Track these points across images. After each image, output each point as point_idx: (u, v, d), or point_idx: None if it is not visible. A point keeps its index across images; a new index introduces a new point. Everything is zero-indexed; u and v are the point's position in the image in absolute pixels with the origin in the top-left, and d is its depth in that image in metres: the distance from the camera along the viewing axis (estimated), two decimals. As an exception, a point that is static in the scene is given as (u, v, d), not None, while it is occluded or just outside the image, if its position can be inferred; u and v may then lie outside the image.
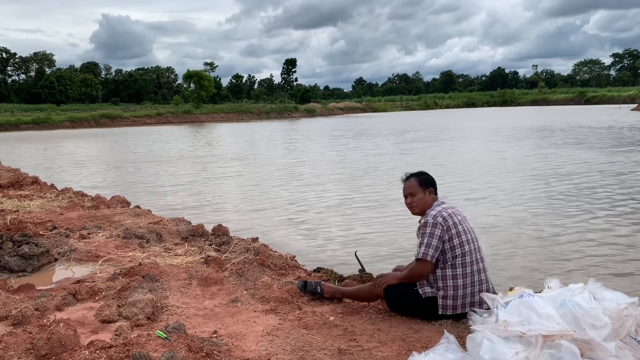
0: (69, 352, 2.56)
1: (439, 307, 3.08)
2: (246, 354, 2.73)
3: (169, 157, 17.96)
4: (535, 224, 6.71)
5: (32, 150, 21.97)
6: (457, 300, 3.05)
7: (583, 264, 5.15)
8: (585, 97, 71.52)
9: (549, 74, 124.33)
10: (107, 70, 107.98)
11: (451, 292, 3.04)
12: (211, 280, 3.93)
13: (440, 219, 3.09)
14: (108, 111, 52.77)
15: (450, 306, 3.06)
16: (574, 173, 10.85)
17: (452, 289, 3.04)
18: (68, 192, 8.76)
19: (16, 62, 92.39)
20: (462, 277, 3.04)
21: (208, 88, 62.75)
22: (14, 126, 41.38)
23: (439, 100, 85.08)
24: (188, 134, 32.19)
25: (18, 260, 4.49)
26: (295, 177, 12.10)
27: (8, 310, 3.21)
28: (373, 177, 11.52)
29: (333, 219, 7.53)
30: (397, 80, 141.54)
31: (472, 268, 3.06)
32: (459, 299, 3.05)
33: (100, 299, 3.61)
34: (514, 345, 2.21)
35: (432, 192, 3.28)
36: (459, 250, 3.06)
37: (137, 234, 5.51)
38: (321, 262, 5.09)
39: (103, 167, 15.38)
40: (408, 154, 16.25)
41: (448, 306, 3.06)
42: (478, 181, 10.32)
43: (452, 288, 3.04)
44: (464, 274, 3.04)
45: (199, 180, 12.04)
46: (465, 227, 3.14)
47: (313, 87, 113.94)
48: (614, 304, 2.31)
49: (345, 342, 2.87)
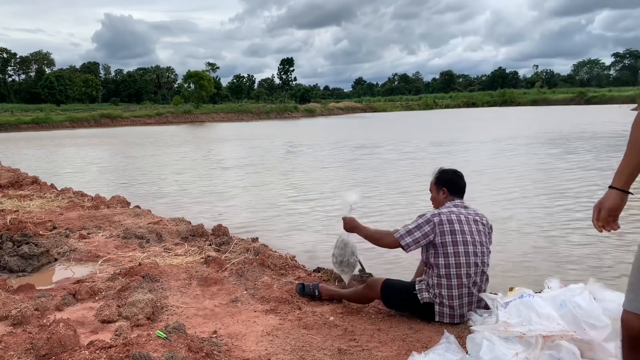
0: (69, 352, 2.56)
1: (436, 314, 3.05)
2: (246, 354, 2.73)
3: (169, 157, 17.97)
4: (536, 223, 6.71)
5: (32, 150, 21.96)
6: (455, 310, 3.01)
7: (583, 264, 5.14)
8: (586, 97, 71.46)
9: (549, 74, 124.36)
10: (106, 70, 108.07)
11: (446, 301, 3.00)
12: (211, 280, 3.93)
13: (436, 219, 3.03)
14: (108, 111, 52.71)
15: (447, 314, 3.03)
16: (576, 176, 10.85)
17: (447, 299, 3.00)
18: (68, 192, 8.76)
19: (16, 62, 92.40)
20: (457, 287, 2.97)
21: (208, 88, 62.77)
22: (13, 126, 41.32)
23: (439, 100, 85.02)
24: (188, 134, 32.20)
25: (18, 260, 4.49)
26: (296, 177, 12.10)
27: (8, 310, 3.21)
28: (374, 178, 11.51)
29: (333, 218, 7.52)
30: (396, 80, 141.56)
31: (469, 280, 2.98)
32: (456, 309, 3.01)
33: (100, 299, 3.61)
34: (514, 345, 2.21)
35: (446, 192, 3.20)
36: (453, 259, 2.97)
37: (137, 234, 5.51)
38: (321, 262, 5.08)
39: (103, 168, 15.38)
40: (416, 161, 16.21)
41: (445, 314, 3.03)
42: (476, 185, 10.33)
43: (448, 298, 2.99)
44: (459, 284, 2.97)
45: (199, 180, 12.03)
46: (469, 239, 2.99)
47: (313, 87, 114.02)
48: (614, 304, 2.31)
49: (345, 342, 2.87)
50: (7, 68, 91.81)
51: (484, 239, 3.09)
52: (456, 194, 3.21)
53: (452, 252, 2.97)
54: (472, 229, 3.05)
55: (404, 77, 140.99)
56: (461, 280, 2.97)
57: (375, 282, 3.27)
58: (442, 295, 3.00)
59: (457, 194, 3.21)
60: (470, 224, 3.06)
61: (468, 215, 3.10)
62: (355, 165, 14.01)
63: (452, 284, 2.98)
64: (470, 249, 2.99)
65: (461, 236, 3.00)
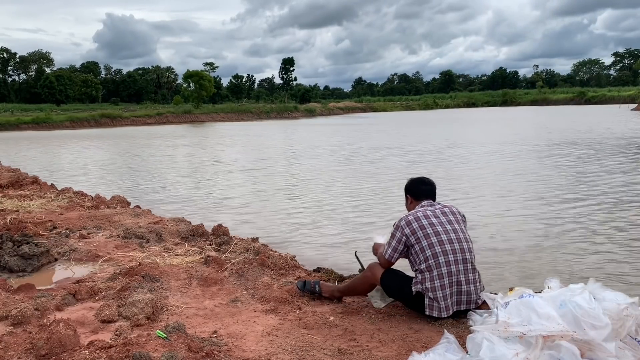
0: (69, 352, 2.56)
1: (426, 306, 3.08)
2: (246, 354, 2.73)
3: (169, 157, 17.97)
4: (536, 223, 6.71)
5: (32, 150, 21.96)
6: (440, 302, 3.03)
7: (583, 264, 5.14)
8: (586, 97, 71.48)
9: (549, 74, 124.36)
10: (107, 70, 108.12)
11: (431, 293, 3.04)
12: (211, 280, 3.93)
13: (402, 222, 3.17)
14: (108, 111, 52.70)
15: (435, 307, 3.05)
16: (578, 179, 10.85)
17: (430, 291, 3.03)
18: (68, 192, 8.75)
19: (15, 62, 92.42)
20: (438, 278, 3.02)
21: (208, 88, 62.78)
22: (13, 126, 41.30)
23: (439, 100, 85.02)
24: (188, 134, 32.20)
25: (18, 260, 4.49)
26: (295, 177, 12.10)
27: (8, 310, 3.21)
28: (375, 178, 11.51)
29: (333, 218, 7.52)
30: (396, 79, 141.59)
31: (450, 269, 3.02)
32: (441, 300, 3.03)
33: (100, 299, 3.61)
34: (514, 345, 2.21)
35: (409, 198, 3.43)
36: (429, 251, 3.05)
37: (137, 234, 5.51)
38: (321, 262, 5.09)
39: (103, 168, 15.38)
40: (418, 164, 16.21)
41: (434, 307, 3.05)
42: (469, 183, 10.32)
43: (431, 290, 3.03)
44: (439, 275, 3.02)
45: (200, 180, 12.04)
46: (440, 229, 3.09)
47: (313, 87, 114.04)
48: (614, 304, 2.31)
49: (345, 342, 2.87)
50: (7, 68, 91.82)
51: (457, 227, 3.17)
52: (421, 197, 3.37)
53: (427, 244, 3.06)
54: (442, 220, 3.16)
55: (403, 77, 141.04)
56: (440, 270, 3.02)
57: (377, 266, 3.34)
58: (428, 288, 3.05)
59: (421, 197, 3.37)
60: (439, 216, 3.17)
61: (435, 210, 3.22)
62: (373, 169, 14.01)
63: (433, 276, 3.03)
64: (443, 237, 3.08)
65: (431, 228, 3.10)
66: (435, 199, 3.41)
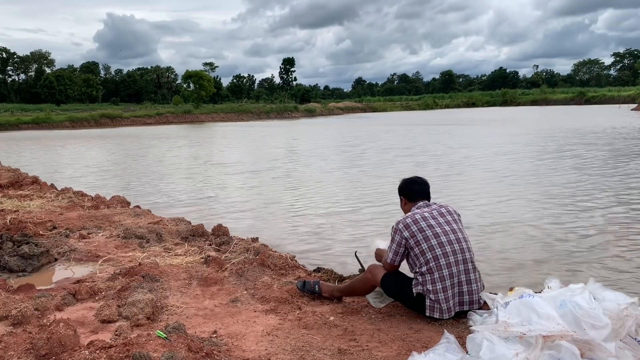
0: (69, 352, 2.56)
1: (427, 307, 3.07)
2: (246, 354, 2.73)
3: (169, 157, 17.96)
4: (536, 223, 6.71)
5: (32, 150, 21.96)
6: (443, 304, 3.03)
7: (583, 264, 5.14)
8: (585, 97, 71.48)
9: (549, 74, 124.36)
10: (106, 70, 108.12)
11: (432, 295, 3.03)
12: (211, 280, 3.93)
13: (401, 226, 3.15)
14: (108, 111, 52.68)
15: (437, 309, 3.04)
16: (579, 179, 10.85)
17: (432, 293, 3.03)
18: (68, 192, 8.75)
19: (15, 62, 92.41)
20: (440, 280, 3.01)
21: (208, 88, 62.77)
22: (13, 126, 41.30)
23: (439, 100, 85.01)
24: (188, 134, 32.20)
25: (18, 260, 4.49)
26: (296, 177, 12.09)
27: (8, 310, 3.21)
28: (375, 177, 11.51)
29: (333, 218, 7.52)
30: (396, 79, 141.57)
31: (451, 270, 3.02)
32: (442, 302, 3.02)
33: (100, 299, 3.61)
34: (514, 345, 2.21)
35: (404, 200, 3.39)
36: (429, 254, 3.03)
37: (137, 234, 5.51)
38: (321, 262, 5.09)
39: (103, 168, 15.37)
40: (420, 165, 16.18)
41: (435, 308, 3.05)
42: (474, 183, 10.32)
43: (432, 292, 3.03)
44: (441, 277, 3.01)
45: (199, 180, 12.03)
46: (439, 230, 3.08)
47: (313, 87, 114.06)
48: (614, 304, 2.31)
49: (345, 342, 2.87)
50: (7, 68, 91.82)
51: (455, 227, 3.16)
52: (415, 199, 3.33)
53: (427, 247, 3.05)
54: (440, 221, 3.14)
55: (403, 77, 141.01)
56: (442, 272, 3.01)
57: (377, 267, 3.34)
58: (429, 290, 3.04)
59: (416, 198, 3.33)
60: (436, 217, 3.15)
61: (431, 211, 3.20)
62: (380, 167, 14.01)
63: (435, 278, 3.02)
64: (442, 238, 3.06)
65: (430, 230, 3.08)
66: (429, 198, 3.39)
